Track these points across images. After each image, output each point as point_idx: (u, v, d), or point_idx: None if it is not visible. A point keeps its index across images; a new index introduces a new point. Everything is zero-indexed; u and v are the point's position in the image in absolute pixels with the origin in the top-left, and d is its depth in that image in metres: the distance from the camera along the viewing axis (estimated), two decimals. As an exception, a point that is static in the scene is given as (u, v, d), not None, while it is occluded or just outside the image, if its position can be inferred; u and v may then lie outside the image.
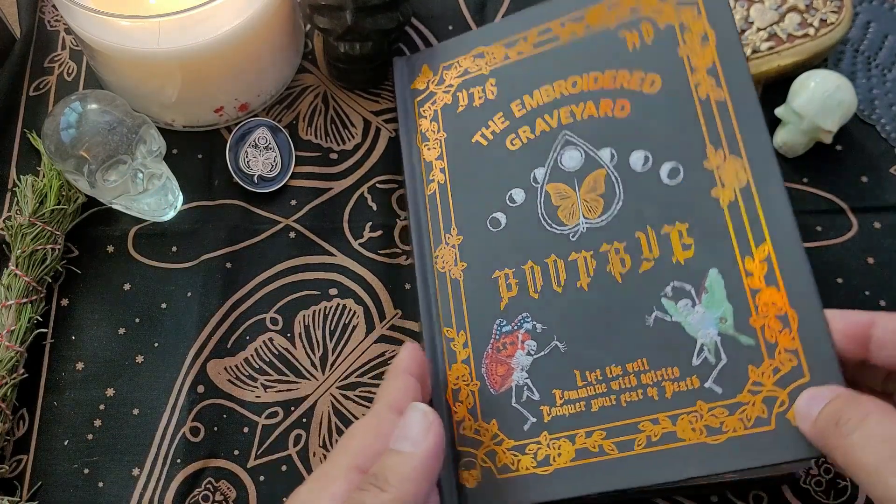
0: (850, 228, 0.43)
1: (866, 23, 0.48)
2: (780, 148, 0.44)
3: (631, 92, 0.39)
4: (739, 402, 0.33)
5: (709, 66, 0.38)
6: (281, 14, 0.43)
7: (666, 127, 0.38)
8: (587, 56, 0.41)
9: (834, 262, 0.42)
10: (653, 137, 0.38)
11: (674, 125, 0.38)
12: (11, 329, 0.40)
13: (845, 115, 0.42)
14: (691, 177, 0.37)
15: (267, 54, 0.44)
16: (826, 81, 0.42)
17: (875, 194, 0.44)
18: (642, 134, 0.38)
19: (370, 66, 0.46)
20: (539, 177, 0.40)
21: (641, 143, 0.38)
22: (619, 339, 0.36)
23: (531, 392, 0.36)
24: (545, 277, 0.38)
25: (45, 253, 0.42)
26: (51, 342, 0.43)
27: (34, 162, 0.46)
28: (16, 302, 0.41)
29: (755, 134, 0.36)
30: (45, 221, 0.42)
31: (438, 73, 0.45)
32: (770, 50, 0.44)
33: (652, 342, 0.35)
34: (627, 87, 0.39)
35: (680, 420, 0.34)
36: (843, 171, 0.44)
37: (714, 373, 0.34)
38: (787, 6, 0.44)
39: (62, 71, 0.49)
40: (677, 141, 0.37)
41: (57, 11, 0.50)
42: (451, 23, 0.49)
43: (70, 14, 0.40)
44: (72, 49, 0.50)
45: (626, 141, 0.38)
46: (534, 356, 0.37)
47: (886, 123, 0.46)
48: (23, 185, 0.43)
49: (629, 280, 0.36)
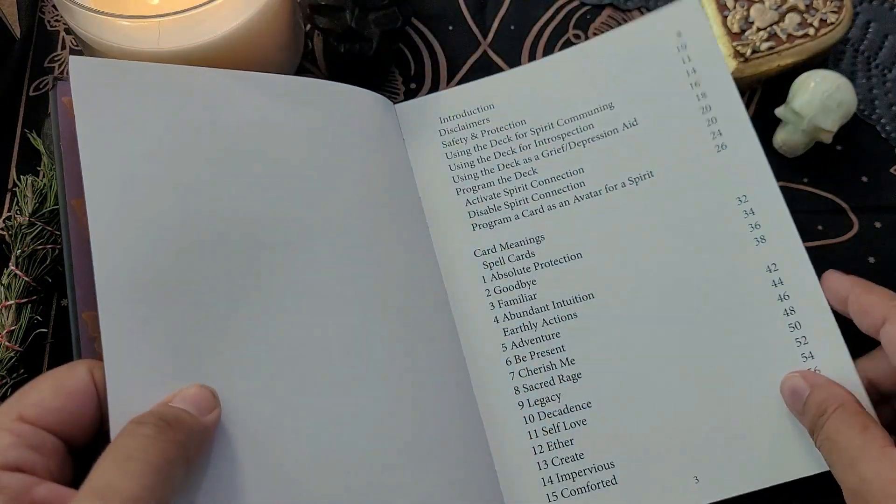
0: (851, 228, 0.43)
1: (866, 23, 0.48)
2: (780, 148, 0.44)
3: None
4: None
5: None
6: (281, 14, 0.43)
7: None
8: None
9: (835, 261, 0.42)
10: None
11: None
12: (11, 329, 0.40)
13: (845, 115, 0.42)
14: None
15: (267, 54, 0.44)
16: (826, 81, 0.42)
17: (875, 194, 0.44)
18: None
19: (370, 66, 0.46)
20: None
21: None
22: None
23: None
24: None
25: (45, 253, 0.42)
26: (51, 342, 0.42)
27: (34, 162, 0.46)
28: (16, 302, 0.40)
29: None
30: (45, 221, 0.42)
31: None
32: (770, 50, 0.44)
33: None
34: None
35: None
36: (843, 171, 0.45)
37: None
38: (787, 6, 0.44)
39: (62, 71, 0.49)
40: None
41: (57, 11, 0.50)
42: (451, 23, 0.49)
43: (70, 14, 0.40)
44: (72, 49, 0.50)
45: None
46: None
47: (886, 123, 0.46)
48: (23, 185, 0.43)
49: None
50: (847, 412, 0.32)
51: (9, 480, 0.26)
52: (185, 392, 0.30)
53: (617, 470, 0.35)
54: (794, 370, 0.36)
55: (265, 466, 0.31)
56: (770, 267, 0.37)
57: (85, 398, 0.29)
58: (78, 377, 0.29)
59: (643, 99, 0.41)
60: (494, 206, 0.41)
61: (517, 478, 0.35)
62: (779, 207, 0.38)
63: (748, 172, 0.39)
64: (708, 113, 0.40)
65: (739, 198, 0.39)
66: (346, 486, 0.32)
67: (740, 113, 0.40)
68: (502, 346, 0.38)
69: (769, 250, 0.38)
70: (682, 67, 0.41)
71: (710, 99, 0.41)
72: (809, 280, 0.37)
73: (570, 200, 0.40)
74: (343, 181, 0.38)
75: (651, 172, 0.40)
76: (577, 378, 0.37)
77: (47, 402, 0.28)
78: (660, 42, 0.42)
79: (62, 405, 0.28)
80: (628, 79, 0.42)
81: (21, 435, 0.27)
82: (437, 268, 0.39)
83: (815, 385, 0.34)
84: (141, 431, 0.27)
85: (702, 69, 0.41)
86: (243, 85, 0.38)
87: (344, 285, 0.36)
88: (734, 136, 0.40)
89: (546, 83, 0.43)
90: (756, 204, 0.38)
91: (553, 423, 0.36)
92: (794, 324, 0.37)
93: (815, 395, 0.34)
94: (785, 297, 0.37)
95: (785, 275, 0.37)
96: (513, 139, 0.42)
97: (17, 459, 0.27)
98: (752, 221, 0.38)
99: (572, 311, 0.38)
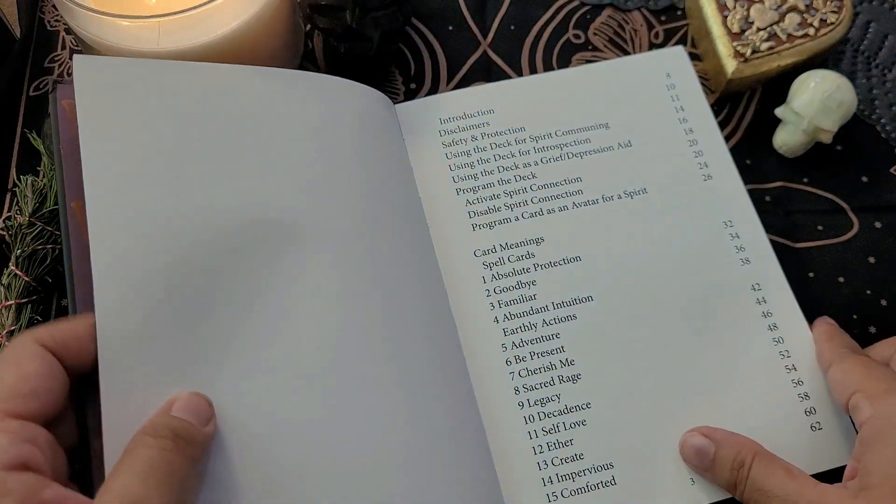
0: (851, 228, 0.43)
1: (866, 23, 0.48)
2: (780, 148, 0.44)
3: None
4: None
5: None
6: (281, 14, 0.43)
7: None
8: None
9: (835, 261, 0.42)
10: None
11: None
12: (11, 329, 0.40)
13: (845, 115, 0.42)
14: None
15: (267, 54, 0.44)
16: (826, 81, 0.42)
17: (875, 194, 0.44)
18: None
19: (370, 66, 0.46)
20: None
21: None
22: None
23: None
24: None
25: (45, 253, 0.42)
26: (51, 342, 0.42)
27: (34, 162, 0.46)
28: (16, 302, 0.40)
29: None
30: (45, 221, 0.42)
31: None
32: (770, 50, 0.44)
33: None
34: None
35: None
36: (843, 171, 0.45)
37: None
38: (787, 6, 0.44)
39: (62, 71, 0.49)
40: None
41: (57, 11, 0.50)
42: (451, 23, 0.49)
43: (70, 14, 0.40)
44: (72, 49, 0.50)
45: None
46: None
47: (886, 123, 0.46)
48: (23, 185, 0.43)
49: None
50: (766, 460, 0.33)
51: (15, 483, 0.25)
52: (181, 399, 0.30)
53: (616, 470, 0.35)
54: (775, 389, 0.37)
55: (263, 468, 0.31)
56: (755, 286, 0.39)
57: (50, 376, 0.28)
58: (33, 355, 0.28)
59: (637, 124, 0.43)
60: (494, 207, 0.41)
61: (517, 478, 0.35)
62: (759, 236, 0.41)
63: (731, 202, 0.41)
64: (695, 146, 0.43)
65: (726, 222, 0.41)
66: (345, 487, 0.32)
67: (723, 151, 0.43)
68: (502, 346, 0.38)
69: (753, 271, 0.40)
70: (672, 104, 0.44)
71: (696, 134, 0.43)
72: (790, 302, 0.39)
73: (569, 206, 0.41)
74: (344, 177, 0.38)
75: (645, 189, 0.42)
76: (577, 379, 0.37)
77: (20, 390, 0.27)
78: (651, 78, 0.45)
79: (32, 389, 0.27)
80: (623, 104, 0.44)
81: (12, 431, 0.26)
82: (437, 267, 0.39)
83: (719, 440, 0.34)
84: (160, 445, 0.27)
85: (688, 108, 0.44)
86: (246, 79, 0.38)
87: (343, 284, 0.36)
88: (718, 169, 0.42)
89: (545, 96, 0.44)
90: (740, 229, 0.41)
91: (553, 424, 0.36)
92: (777, 339, 0.38)
93: (725, 451, 0.34)
94: (768, 314, 0.39)
95: (768, 294, 0.39)
96: (512, 144, 0.43)
97: (18, 456, 0.26)
98: (737, 244, 0.40)
99: (572, 312, 0.38)
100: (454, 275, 0.39)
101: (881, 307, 0.41)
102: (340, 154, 0.39)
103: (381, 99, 0.43)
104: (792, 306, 0.39)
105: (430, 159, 0.42)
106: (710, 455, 0.34)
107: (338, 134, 0.39)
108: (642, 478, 0.35)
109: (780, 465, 0.33)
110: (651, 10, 0.49)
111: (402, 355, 0.35)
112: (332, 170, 0.38)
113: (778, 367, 0.38)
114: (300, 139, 0.38)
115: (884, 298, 0.41)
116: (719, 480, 0.34)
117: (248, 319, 0.33)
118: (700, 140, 0.43)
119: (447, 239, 0.40)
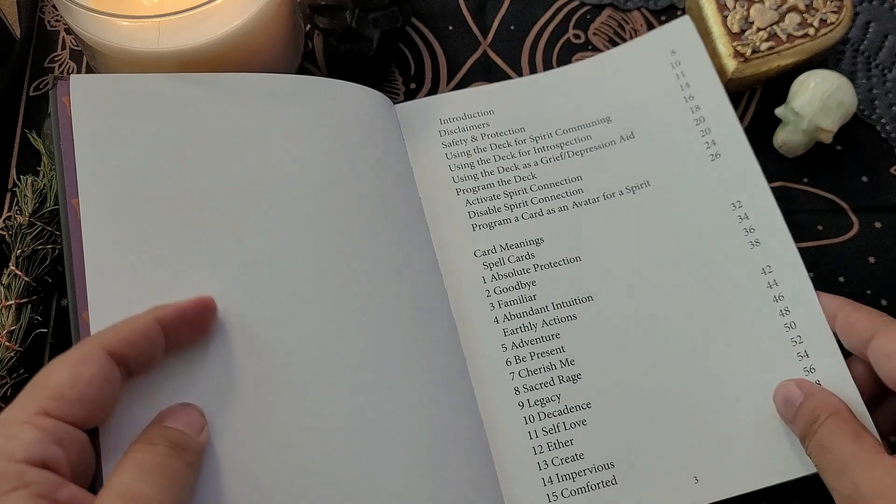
0: (851, 228, 0.43)
1: (866, 23, 0.48)
2: (780, 148, 0.44)
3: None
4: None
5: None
6: (281, 14, 0.43)
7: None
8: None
9: (835, 261, 0.42)
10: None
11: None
12: (11, 329, 0.40)
13: (845, 115, 0.42)
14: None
15: (267, 54, 0.44)
16: (826, 81, 0.42)
17: (875, 194, 0.44)
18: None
19: (370, 66, 0.46)
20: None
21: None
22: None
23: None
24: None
25: (45, 253, 0.42)
26: (51, 342, 0.42)
27: (34, 162, 0.46)
28: (16, 302, 0.40)
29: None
30: (45, 221, 0.42)
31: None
32: (770, 50, 0.44)
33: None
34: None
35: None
36: (843, 171, 0.45)
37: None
38: (787, 6, 0.44)
39: (62, 71, 0.49)
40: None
41: (57, 11, 0.50)
42: (451, 23, 0.49)
43: (70, 14, 0.40)
44: (72, 49, 0.50)
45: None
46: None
47: (886, 123, 0.46)
48: (23, 185, 0.43)
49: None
50: (839, 420, 0.33)
51: (35, 477, 0.26)
52: (172, 411, 0.30)
53: (617, 470, 0.35)
54: (788, 378, 0.36)
55: (262, 472, 0.31)
56: (765, 269, 0.39)
57: (104, 384, 0.28)
58: (93, 361, 0.28)
59: (640, 113, 0.43)
60: (494, 208, 0.41)
61: (517, 478, 0.35)
62: (772, 211, 0.39)
63: (742, 178, 0.40)
64: (702, 124, 0.42)
65: (734, 203, 0.40)
66: (345, 487, 0.32)
67: (733, 122, 0.42)
68: (502, 346, 0.38)
69: (764, 253, 0.39)
70: (677, 83, 0.43)
71: (703, 111, 0.42)
72: (804, 282, 0.38)
73: (569, 206, 0.41)
74: (344, 178, 0.38)
75: (647, 182, 0.41)
76: (577, 379, 0.37)
77: (67, 393, 0.27)
78: (655, 60, 0.44)
79: (80, 395, 0.28)
80: (625, 95, 0.44)
81: (45, 429, 0.27)
82: (436, 268, 0.39)
83: (808, 393, 0.34)
84: (157, 450, 0.27)
85: (695, 83, 0.43)
86: (245, 87, 0.38)
87: (343, 284, 0.36)
88: (727, 144, 0.41)
89: (545, 96, 0.44)
90: (750, 209, 0.40)
91: (553, 424, 0.36)
92: (789, 324, 0.37)
93: (807, 403, 0.34)
94: (780, 298, 0.38)
95: (780, 277, 0.38)
96: (512, 144, 0.43)
97: (42, 455, 0.26)
98: (746, 226, 0.39)
99: (572, 312, 0.38)
100: (454, 275, 0.39)
101: (881, 307, 0.41)
102: (341, 153, 0.39)
103: (380, 99, 0.43)
104: (806, 286, 0.38)
105: (430, 159, 0.42)
106: (796, 406, 0.34)
107: (338, 135, 0.39)
108: (643, 477, 0.35)
109: (852, 427, 0.32)
110: (651, 10, 0.49)
111: (401, 355, 0.35)
112: (331, 171, 0.38)
113: (791, 358, 0.37)
114: (299, 141, 0.38)
115: (884, 298, 0.41)
116: (796, 431, 0.34)
117: (249, 318, 0.33)
118: (708, 117, 0.42)
119: (447, 239, 0.40)
